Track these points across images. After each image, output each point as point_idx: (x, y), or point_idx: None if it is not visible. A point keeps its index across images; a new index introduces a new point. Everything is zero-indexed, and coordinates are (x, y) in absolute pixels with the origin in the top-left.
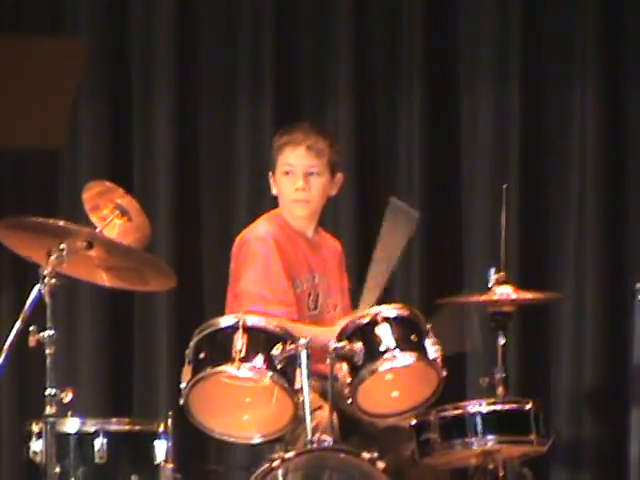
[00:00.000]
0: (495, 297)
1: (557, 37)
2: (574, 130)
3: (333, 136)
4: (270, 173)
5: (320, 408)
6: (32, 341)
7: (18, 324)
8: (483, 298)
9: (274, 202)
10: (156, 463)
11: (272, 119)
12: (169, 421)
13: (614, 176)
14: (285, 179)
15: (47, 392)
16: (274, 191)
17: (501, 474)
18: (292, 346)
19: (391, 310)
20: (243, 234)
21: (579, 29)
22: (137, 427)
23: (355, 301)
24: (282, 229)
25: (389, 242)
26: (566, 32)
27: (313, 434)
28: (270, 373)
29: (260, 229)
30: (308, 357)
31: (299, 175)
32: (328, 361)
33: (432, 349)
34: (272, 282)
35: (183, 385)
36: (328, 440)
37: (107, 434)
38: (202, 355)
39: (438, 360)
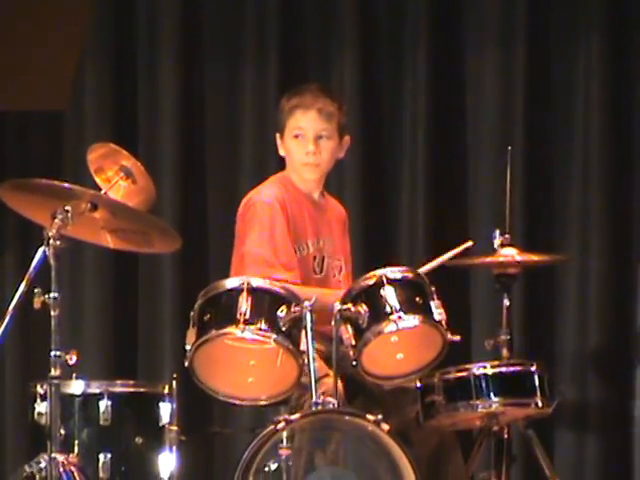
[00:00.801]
0: (500, 259)
1: (563, 3)
2: (579, 95)
3: (341, 98)
4: (277, 135)
5: (327, 376)
6: (37, 303)
7: (23, 286)
8: (488, 260)
9: (278, 165)
10: (161, 425)
11: (277, 83)
12: (174, 383)
13: (619, 140)
14: (295, 142)
15: (52, 354)
16: (282, 152)
17: (505, 436)
18: (297, 308)
19: (396, 272)
20: (249, 196)
21: None
22: (142, 389)
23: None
24: (289, 191)
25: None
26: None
27: (318, 397)
28: (275, 335)
29: (266, 192)
30: (313, 319)
31: (310, 139)
32: (333, 323)
33: (437, 311)
34: (276, 246)
35: (188, 347)
36: (333, 402)
37: (112, 396)
38: (207, 317)
39: (443, 322)
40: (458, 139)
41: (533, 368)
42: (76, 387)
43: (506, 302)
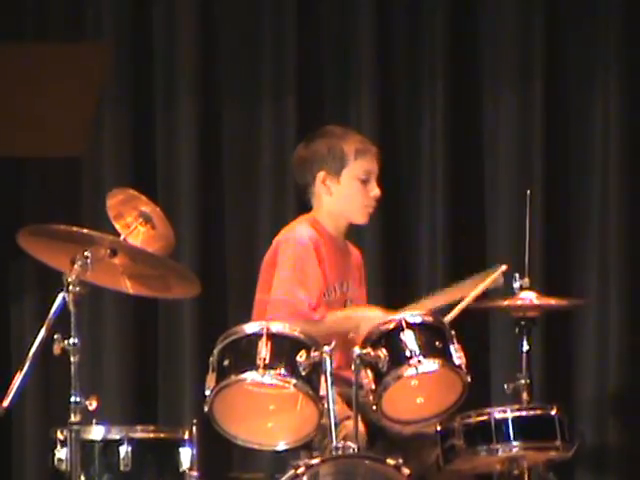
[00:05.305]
0: (519, 302)
1: (579, 41)
2: (597, 135)
3: None
4: (322, 174)
5: (349, 418)
6: (57, 349)
7: (42, 332)
8: (507, 303)
9: (297, 208)
10: (181, 470)
11: (295, 122)
12: (194, 428)
13: (637, 181)
14: (361, 185)
15: (72, 400)
16: (325, 193)
17: None
18: (316, 353)
19: (415, 316)
20: (284, 235)
21: (601, 34)
22: (162, 434)
23: None
24: (321, 234)
25: (468, 287)
26: (588, 37)
27: (339, 441)
28: (294, 380)
29: (301, 232)
30: (332, 364)
31: (374, 183)
32: (353, 368)
33: (456, 355)
34: (308, 285)
35: (207, 392)
36: (353, 447)
37: (132, 441)
38: (226, 362)
39: (463, 366)
40: (476, 182)
41: (553, 412)
42: (96, 433)
43: (525, 346)
